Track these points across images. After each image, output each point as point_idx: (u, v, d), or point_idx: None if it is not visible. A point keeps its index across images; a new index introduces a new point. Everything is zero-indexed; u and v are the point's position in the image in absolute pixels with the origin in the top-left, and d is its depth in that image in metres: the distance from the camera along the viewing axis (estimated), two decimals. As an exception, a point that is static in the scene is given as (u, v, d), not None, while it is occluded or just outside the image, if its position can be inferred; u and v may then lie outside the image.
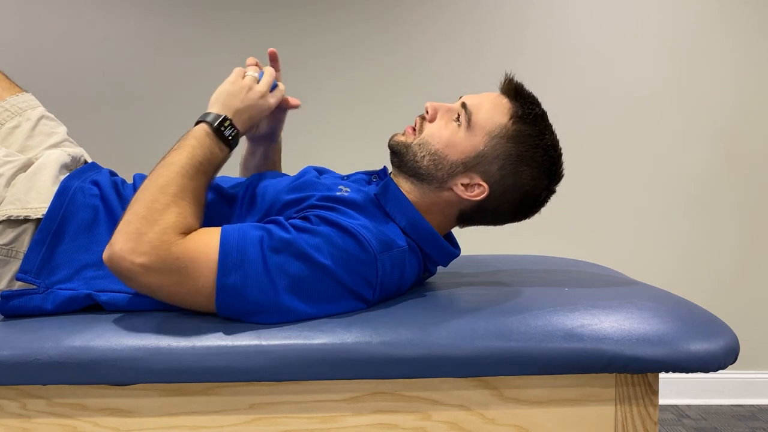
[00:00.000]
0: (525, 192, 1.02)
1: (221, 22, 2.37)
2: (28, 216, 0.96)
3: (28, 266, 0.93)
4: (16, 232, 0.96)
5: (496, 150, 0.99)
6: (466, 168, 1.00)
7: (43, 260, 0.94)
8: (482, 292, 1.00)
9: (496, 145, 0.99)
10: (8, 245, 0.95)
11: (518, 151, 0.99)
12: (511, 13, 2.37)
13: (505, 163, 1.00)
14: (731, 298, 2.36)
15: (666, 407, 2.30)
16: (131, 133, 2.38)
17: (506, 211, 1.04)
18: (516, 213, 1.05)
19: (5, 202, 0.98)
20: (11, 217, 0.96)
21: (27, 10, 2.37)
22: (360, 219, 0.92)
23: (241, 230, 0.87)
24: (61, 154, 1.09)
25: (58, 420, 0.84)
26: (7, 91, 1.25)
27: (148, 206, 0.85)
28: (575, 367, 0.83)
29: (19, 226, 0.96)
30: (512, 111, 1.01)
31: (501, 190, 1.01)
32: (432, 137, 1.02)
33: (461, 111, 1.02)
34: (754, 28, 2.34)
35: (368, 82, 2.37)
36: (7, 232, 0.96)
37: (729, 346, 0.84)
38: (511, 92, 1.03)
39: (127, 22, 2.38)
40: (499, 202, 1.02)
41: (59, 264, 0.94)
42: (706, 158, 2.37)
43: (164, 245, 0.82)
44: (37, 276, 0.93)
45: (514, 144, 1.00)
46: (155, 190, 0.87)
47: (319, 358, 0.82)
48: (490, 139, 1.00)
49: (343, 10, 2.38)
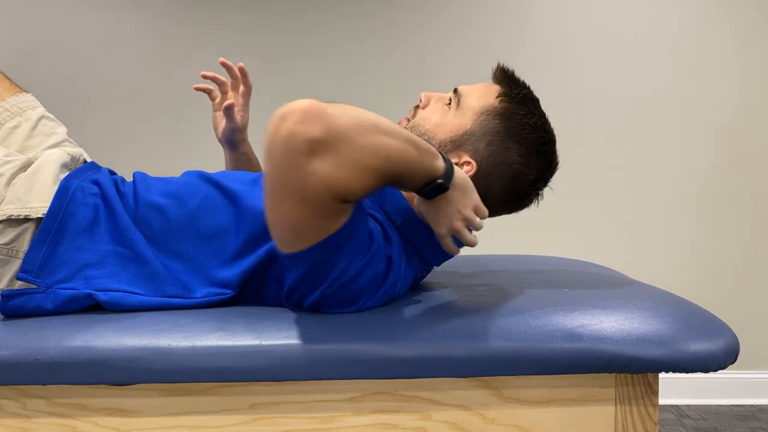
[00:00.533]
0: (515, 173, 1.01)
1: (222, 22, 2.37)
2: (28, 215, 0.96)
3: (29, 266, 0.93)
4: (17, 231, 0.96)
5: (484, 127, 1.01)
6: (454, 146, 1.01)
7: (43, 260, 0.94)
8: (482, 292, 1.00)
9: (483, 121, 1.01)
10: (9, 245, 0.95)
11: (506, 126, 1.00)
12: (512, 13, 2.37)
13: (492, 139, 1.00)
14: (731, 298, 2.36)
15: (666, 407, 2.30)
16: (131, 134, 2.38)
17: (496, 193, 1.02)
18: (508, 197, 1.03)
19: (5, 202, 0.98)
20: (11, 216, 0.96)
21: (27, 9, 2.37)
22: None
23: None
24: (61, 153, 1.09)
25: (58, 420, 0.84)
26: (7, 91, 1.25)
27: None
28: (575, 367, 0.83)
29: (19, 226, 0.96)
30: (500, 91, 1.03)
31: (489, 168, 1.00)
32: (422, 119, 1.05)
33: (452, 96, 1.05)
34: (756, 27, 2.34)
35: (368, 83, 2.37)
36: (7, 231, 0.96)
37: (729, 346, 0.84)
38: (502, 77, 1.06)
39: (127, 22, 2.38)
40: (488, 181, 1.00)
41: (60, 263, 0.94)
42: (707, 158, 2.37)
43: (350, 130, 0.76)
44: (38, 275, 0.93)
45: (500, 120, 1.01)
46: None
47: (319, 358, 0.82)
48: (477, 117, 1.01)
49: (342, 10, 2.38)
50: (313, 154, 0.75)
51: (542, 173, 1.03)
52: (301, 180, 0.76)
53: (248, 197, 0.99)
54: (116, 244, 0.96)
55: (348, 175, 0.77)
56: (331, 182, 0.76)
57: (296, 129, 0.74)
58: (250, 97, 1.26)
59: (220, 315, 0.89)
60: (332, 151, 0.75)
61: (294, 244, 0.82)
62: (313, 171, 0.75)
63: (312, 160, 0.75)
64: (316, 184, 0.76)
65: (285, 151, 0.75)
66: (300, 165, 0.75)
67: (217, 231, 0.97)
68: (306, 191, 0.76)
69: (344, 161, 0.76)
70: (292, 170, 0.75)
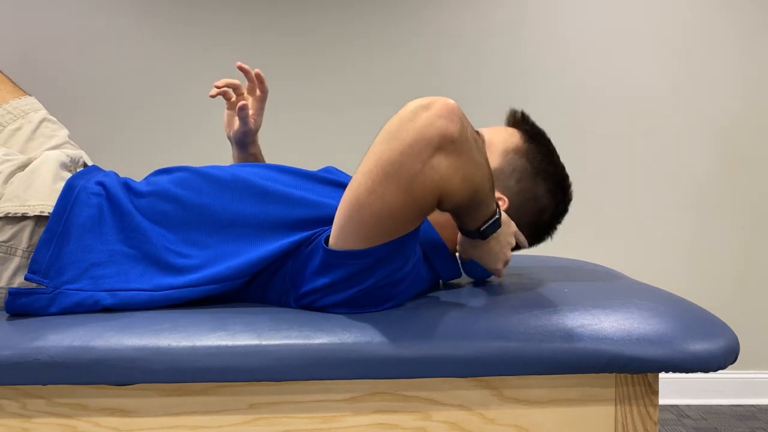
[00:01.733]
0: (541, 207, 1.09)
1: (222, 22, 2.37)
2: (26, 213, 0.97)
3: (37, 267, 0.94)
4: (15, 229, 0.97)
5: (512, 164, 1.07)
6: None
7: (50, 261, 0.94)
8: (482, 292, 1.00)
9: (511, 160, 1.07)
10: (7, 242, 0.96)
11: (533, 165, 1.08)
12: (512, 12, 2.37)
13: (521, 176, 1.07)
14: (731, 298, 2.36)
15: (666, 407, 2.30)
16: (131, 134, 2.38)
17: (524, 225, 1.08)
18: (534, 229, 1.10)
19: (3, 200, 0.98)
20: (9, 214, 0.96)
21: (27, 9, 2.37)
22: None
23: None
24: (60, 154, 1.10)
25: (58, 420, 0.85)
26: (10, 93, 1.26)
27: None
28: (575, 367, 0.83)
29: (17, 224, 0.97)
30: (522, 134, 1.11)
31: (519, 203, 1.07)
32: None
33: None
34: (758, 27, 2.34)
35: (368, 84, 2.38)
36: (5, 229, 0.96)
37: (729, 346, 0.84)
38: (518, 121, 1.13)
39: (127, 21, 2.38)
40: (518, 215, 1.07)
41: (67, 264, 0.94)
42: (707, 158, 2.37)
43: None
44: (46, 276, 0.93)
45: (527, 159, 1.08)
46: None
47: (319, 358, 0.82)
48: (505, 155, 1.08)
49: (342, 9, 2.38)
50: (440, 150, 0.78)
51: (564, 205, 1.12)
52: (419, 170, 0.78)
53: (278, 191, 1.00)
54: (123, 243, 0.96)
55: (458, 182, 0.81)
56: (443, 181, 0.79)
57: (437, 122, 0.77)
58: (265, 102, 1.26)
59: (220, 315, 0.89)
60: (457, 155, 0.79)
61: (371, 238, 0.83)
62: (434, 165, 0.78)
63: (437, 155, 0.78)
64: (430, 178, 0.78)
65: (418, 138, 0.77)
66: (425, 155, 0.77)
67: (235, 220, 0.97)
68: (418, 182, 0.78)
69: (461, 167, 0.80)
70: (416, 157, 0.77)
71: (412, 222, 0.84)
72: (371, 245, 0.83)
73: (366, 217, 0.82)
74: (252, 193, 0.99)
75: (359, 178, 0.81)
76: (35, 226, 0.97)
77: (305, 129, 2.34)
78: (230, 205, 0.98)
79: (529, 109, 1.15)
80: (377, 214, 0.81)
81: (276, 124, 2.30)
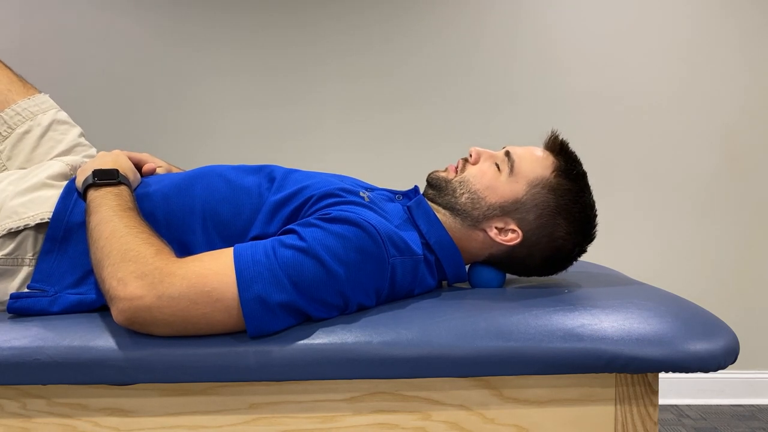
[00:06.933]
0: (558, 246, 1.03)
1: (222, 22, 2.37)
2: (27, 224, 0.97)
3: (40, 276, 0.95)
4: (17, 240, 0.97)
5: (536, 199, 1.01)
6: (503, 212, 1.01)
7: (52, 268, 0.95)
8: (482, 292, 1.01)
9: (536, 194, 1.01)
10: (12, 254, 0.97)
11: (558, 203, 1.01)
12: (511, 12, 2.37)
13: (543, 212, 1.01)
14: (731, 298, 2.36)
15: (666, 407, 2.30)
16: (130, 134, 2.38)
17: (536, 262, 1.04)
18: (545, 266, 1.06)
19: (2, 216, 0.98)
20: (11, 229, 0.97)
21: (27, 9, 2.37)
22: (378, 219, 0.90)
23: (253, 246, 0.84)
24: (62, 166, 1.10)
25: (58, 420, 0.85)
26: (19, 94, 1.24)
27: (121, 254, 0.81)
28: (575, 367, 0.83)
29: (18, 235, 0.97)
30: (555, 165, 1.03)
31: (534, 239, 1.02)
32: (474, 177, 1.04)
33: (504, 159, 1.03)
34: (760, 28, 2.34)
35: (368, 84, 2.38)
36: (7, 243, 0.97)
37: (729, 346, 0.84)
38: (555, 148, 1.05)
39: (127, 21, 2.38)
40: (530, 251, 1.03)
41: (67, 269, 0.96)
42: (708, 159, 2.37)
43: (174, 266, 0.80)
44: (47, 282, 0.94)
45: (554, 196, 1.01)
46: (108, 242, 0.84)
47: (319, 358, 0.82)
48: (531, 187, 1.01)
49: (344, 11, 2.38)
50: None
51: (583, 246, 1.05)
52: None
53: (246, 185, 1.01)
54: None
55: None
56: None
57: (155, 303, 0.79)
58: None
59: (220, 315, 0.89)
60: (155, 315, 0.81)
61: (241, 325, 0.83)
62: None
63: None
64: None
65: (158, 320, 0.80)
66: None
67: (227, 220, 0.98)
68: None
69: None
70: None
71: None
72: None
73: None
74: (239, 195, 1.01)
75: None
76: (37, 233, 0.98)
77: (306, 129, 2.34)
78: (218, 206, 0.99)
79: (529, 110, 1.14)
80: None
81: (276, 123, 2.30)
